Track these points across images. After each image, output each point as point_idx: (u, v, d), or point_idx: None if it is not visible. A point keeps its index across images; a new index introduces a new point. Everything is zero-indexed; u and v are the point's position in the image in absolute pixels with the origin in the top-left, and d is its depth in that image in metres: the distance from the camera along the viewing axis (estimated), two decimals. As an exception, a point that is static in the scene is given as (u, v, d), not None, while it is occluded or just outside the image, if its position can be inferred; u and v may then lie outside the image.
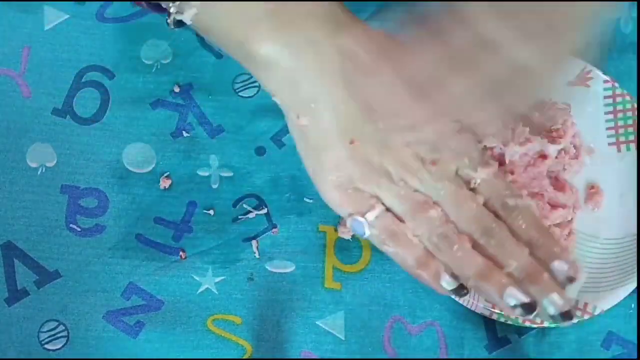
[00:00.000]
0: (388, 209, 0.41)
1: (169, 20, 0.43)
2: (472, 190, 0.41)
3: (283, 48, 0.38)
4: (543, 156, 0.54)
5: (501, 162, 0.54)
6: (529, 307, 0.39)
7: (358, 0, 0.60)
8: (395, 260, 0.41)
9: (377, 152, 0.39)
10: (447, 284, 0.40)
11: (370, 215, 0.40)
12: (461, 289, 0.40)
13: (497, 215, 0.40)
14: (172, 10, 0.42)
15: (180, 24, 0.44)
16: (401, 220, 0.40)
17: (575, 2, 0.35)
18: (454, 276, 0.40)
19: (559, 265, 0.39)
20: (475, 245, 0.40)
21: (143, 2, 0.44)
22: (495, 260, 0.40)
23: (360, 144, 0.39)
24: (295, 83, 0.39)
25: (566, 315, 0.39)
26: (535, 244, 0.40)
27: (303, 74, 0.39)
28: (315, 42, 0.39)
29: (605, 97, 0.57)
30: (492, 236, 0.40)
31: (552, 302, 0.39)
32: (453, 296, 0.41)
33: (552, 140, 0.54)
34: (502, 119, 0.38)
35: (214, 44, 0.43)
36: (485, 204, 0.40)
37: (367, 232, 0.41)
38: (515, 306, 0.39)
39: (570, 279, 0.39)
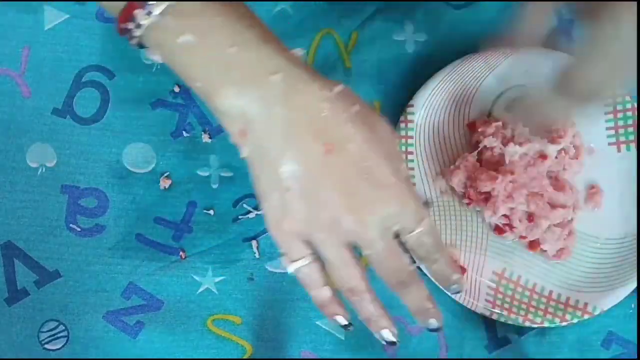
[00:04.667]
0: (317, 257, 0.45)
1: (131, 42, 0.44)
2: (401, 242, 0.45)
3: (237, 98, 0.42)
4: (543, 156, 0.54)
5: (501, 162, 0.54)
6: (393, 344, 0.47)
7: (358, 0, 0.60)
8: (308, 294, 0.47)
9: (315, 204, 0.43)
10: (339, 321, 0.46)
11: (296, 265, 0.45)
12: (348, 326, 0.47)
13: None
14: (133, 41, 0.44)
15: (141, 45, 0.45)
16: (323, 269, 0.45)
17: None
18: (346, 315, 0.46)
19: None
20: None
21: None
22: (401, 299, 0.46)
23: (298, 193, 0.42)
24: (248, 126, 0.43)
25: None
26: (442, 284, 0.48)
27: (251, 119, 0.42)
28: (269, 104, 0.42)
29: (605, 97, 0.57)
30: (405, 287, 0.45)
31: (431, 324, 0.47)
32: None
33: (552, 140, 0.54)
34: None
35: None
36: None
37: (290, 272, 0.45)
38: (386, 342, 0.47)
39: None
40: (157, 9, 0.41)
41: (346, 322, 0.46)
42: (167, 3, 0.41)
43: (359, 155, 0.42)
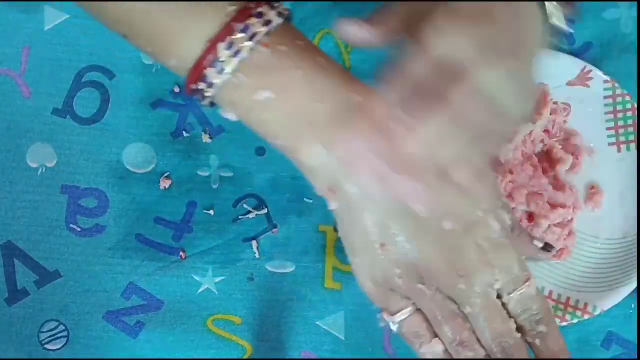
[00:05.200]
0: (418, 309, 0.42)
1: (203, 102, 0.41)
2: (503, 304, 0.41)
3: (323, 154, 0.39)
4: (532, 142, 0.55)
5: (498, 162, 0.54)
6: None
7: (358, 0, 0.60)
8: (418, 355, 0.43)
9: (411, 257, 0.39)
10: None
11: (398, 317, 0.42)
12: None
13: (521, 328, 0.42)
14: (206, 101, 0.41)
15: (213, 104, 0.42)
16: (428, 321, 0.42)
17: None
18: None
19: None
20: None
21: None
22: None
23: (394, 249, 0.39)
24: (336, 184, 0.40)
25: None
26: None
27: (339, 176, 0.39)
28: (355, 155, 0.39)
29: (605, 97, 0.57)
30: (509, 355, 0.41)
31: None
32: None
33: (532, 120, 0.54)
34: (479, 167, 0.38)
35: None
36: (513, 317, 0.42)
37: (394, 329, 0.43)
38: None
39: None
40: (229, 66, 0.38)
41: None
42: (238, 58, 0.38)
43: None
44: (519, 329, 0.41)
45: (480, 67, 0.35)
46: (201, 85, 0.39)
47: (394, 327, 0.43)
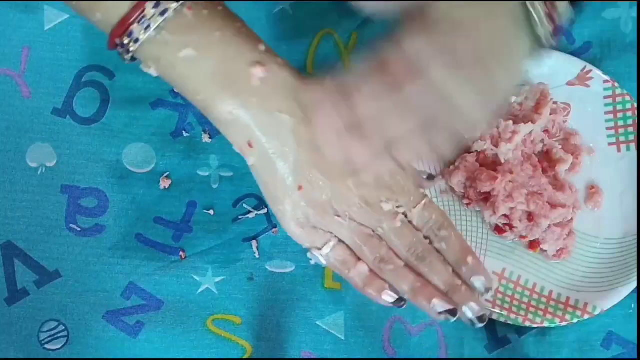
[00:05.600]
0: (341, 241, 0.47)
1: (124, 57, 0.45)
2: (409, 222, 0.48)
3: (242, 111, 0.44)
4: (532, 142, 0.55)
5: (498, 162, 0.54)
6: (451, 313, 0.46)
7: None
8: (346, 279, 0.48)
9: (325, 195, 0.46)
10: (388, 297, 0.47)
11: (325, 250, 0.47)
12: (399, 302, 0.47)
13: (428, 239, 0.49)
14: (127, 55, 0.44)
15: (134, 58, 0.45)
16: (351, 249, 0.48)
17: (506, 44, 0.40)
18: (394, 290, 0.47)
19: (476, 279, 0.47)
20: (410, 267, 0.48)
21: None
22: (426, 277, 0.47)
23: (310, 189, 0.45)
24: (254, 138, 0.45)
25: (481, 318, 0.47)
26: (457, 263, 0.48)
27: (257, 131, 0.44)
28: (269, 104, 0.44)
29: (605, 97, 0.57)
30: (424, 260, 0.47)
31: (470, 308, 0.47)
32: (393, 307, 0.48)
33: (532, 120, 0.54)
34: (428, 156, 0.43)
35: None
36: (419, 230, 0.49)
37: (324, 263, 0.48)
38: (441, 313, 0.46)
39: (487, 289, 0.48)
40: (154, 24, 0.42)
41: (396, 296, 0.47)
42: (164, 18, 0.42)
43: None
44: (426, 239, 0.48)
45: (439, 68, 0.39)
46: (126, 40, 0.43)
47: (323, 261, 0.47)
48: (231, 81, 0.43)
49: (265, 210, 0.56)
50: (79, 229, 0.56)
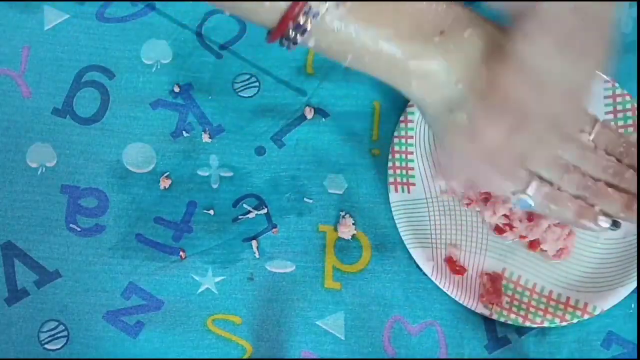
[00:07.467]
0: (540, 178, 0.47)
1: (287, 45, 0.43)
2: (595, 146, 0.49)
3: (440, 61, 0.43)
4: None
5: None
6: None
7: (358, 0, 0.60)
8: (558, 219, 0.50)
9: (525, 138, 0.45)
10: (603, 222, 0.47)
11: (531, 190, 0.46)
12: (615, 224, 0.47)
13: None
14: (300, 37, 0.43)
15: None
16: (550, 184, 0.47)
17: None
18: (607, 215, 0.47)
19: None
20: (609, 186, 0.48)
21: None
22: (629, 191, 0.48)
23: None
24: (450, 86, 0.44)
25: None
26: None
27: (456, 77, 0.43)
28: (464, 50, 0.43)
29: (605, 97, 0.57)
30: (622, 174, 0.48)
31: None
32: (609, 231, 0.48)
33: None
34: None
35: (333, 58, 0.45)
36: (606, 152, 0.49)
37: (533, 204, 0.46)
38: None
39: None
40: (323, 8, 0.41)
41: (610, 220, 0.47)
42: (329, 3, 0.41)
43: None
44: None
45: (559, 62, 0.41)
46: (302, 20, 0.41)
47: (532, 202, 0.46)
48: (425, 35, 0.43)
49: (265, 210, 0.56)
50: (79, 229, 0.56)
